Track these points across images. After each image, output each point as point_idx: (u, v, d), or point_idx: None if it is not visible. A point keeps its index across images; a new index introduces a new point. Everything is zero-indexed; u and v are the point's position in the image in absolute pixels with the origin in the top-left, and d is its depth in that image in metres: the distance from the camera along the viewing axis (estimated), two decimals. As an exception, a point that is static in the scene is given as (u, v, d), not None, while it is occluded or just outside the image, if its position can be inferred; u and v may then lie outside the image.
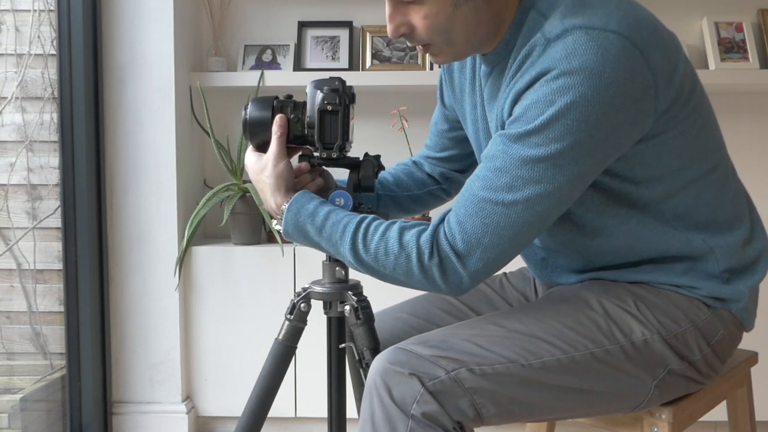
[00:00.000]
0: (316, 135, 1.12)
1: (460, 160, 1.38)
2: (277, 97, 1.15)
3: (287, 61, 2.46)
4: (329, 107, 1.11)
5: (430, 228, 1.01)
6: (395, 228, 1.02)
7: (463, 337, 1.02)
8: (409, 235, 1.01)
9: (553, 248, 1.17)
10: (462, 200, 1.01)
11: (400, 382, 0.97)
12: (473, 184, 1.00)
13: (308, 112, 1.12)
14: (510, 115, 1.00)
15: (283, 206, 1.10)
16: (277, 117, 1.12)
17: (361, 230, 1.03)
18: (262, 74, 2.32)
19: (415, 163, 1.43)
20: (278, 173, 1.11)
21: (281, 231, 1.11)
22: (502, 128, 1.02)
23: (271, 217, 1.16)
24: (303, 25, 2.49)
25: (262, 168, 1.13)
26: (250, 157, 1.15)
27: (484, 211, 0.97)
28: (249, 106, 1.15)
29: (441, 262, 0.99)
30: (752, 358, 1.31)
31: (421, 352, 0.99)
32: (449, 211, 1.02)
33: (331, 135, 1.12)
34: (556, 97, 0.92)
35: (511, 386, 0.99)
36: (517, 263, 1.38)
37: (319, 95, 1.11)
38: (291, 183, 1.13)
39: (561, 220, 1.10)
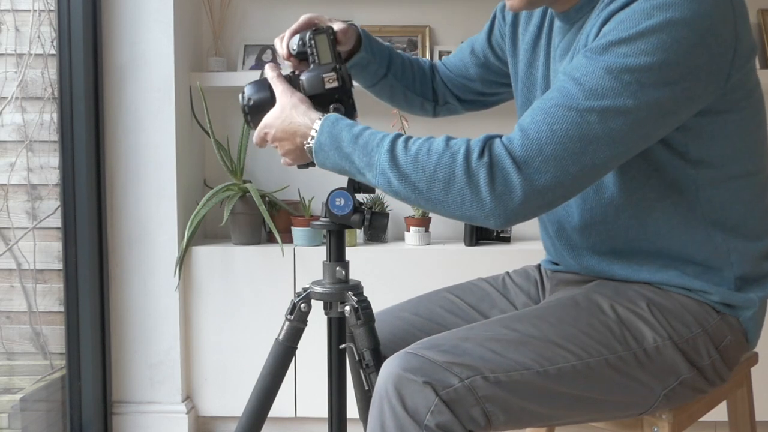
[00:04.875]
0: (311, 58, 1.13)
1: (470, 92, 1.41)
2: None
3: (287, 61, 2.46)
4: (315, 30, 1.14)
5: (482, 136, 0.95)
6: (442, 136, 0.97)
7: (477, 341, 1.00)
8: (458, 139, 0.96)
9: (578, 217, 1.13)
10: (529, 111, 0.94)
11: (413, 391, 0.94)
12: (546, 96, 0.94)
13: (297, 47, 1.18)
14: (596, 37, 0.96)
15: (321, 117, 1.06)
16: (267, 64, 1.17)
17: (403, 137, 0.99)
18: (262, 74, 2.31)
19: (432, 67, 1.44)
20: (301, 97, 1.10)
21: (311, 146, 1.05)
22: None
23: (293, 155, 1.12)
24: (303, 25, 2.49)
25: (282, 106, 1.10)
26: (266, 117, 1.13)
27: (554, 116, 0.91)
28: (246, 90, 1.17)
29: (491, 165, 0.90)
30: (752, 358, 1.30)
31: (434, 358, 0.96)
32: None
33: (323, 56, 1.13)
34: (655, 11, 0.90)
35: (525, 394, 0.98)
36: (520, 263, 1.38)
37: (298, 39, 1.18)
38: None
39: (599, 186, 1.08)
